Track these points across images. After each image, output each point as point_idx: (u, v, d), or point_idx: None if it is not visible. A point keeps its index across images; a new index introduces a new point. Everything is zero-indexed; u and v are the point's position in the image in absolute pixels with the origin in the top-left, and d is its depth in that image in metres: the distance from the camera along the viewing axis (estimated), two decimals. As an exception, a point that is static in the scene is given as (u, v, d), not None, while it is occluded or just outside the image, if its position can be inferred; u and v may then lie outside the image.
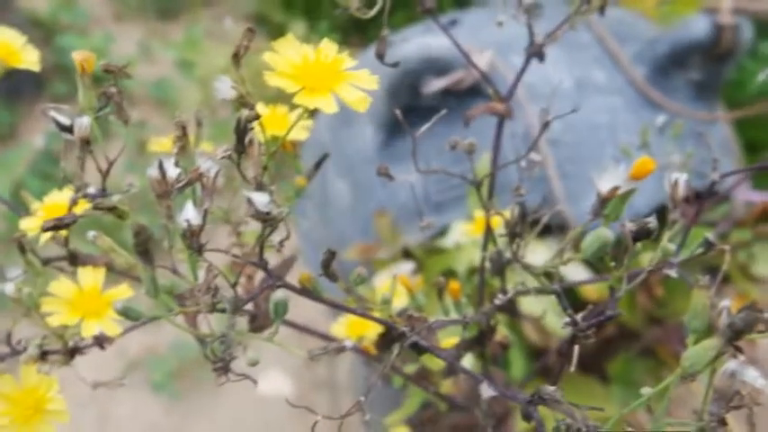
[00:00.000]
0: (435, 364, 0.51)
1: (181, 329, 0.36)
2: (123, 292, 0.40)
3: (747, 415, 0.30)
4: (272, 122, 0.43)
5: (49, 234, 0.38)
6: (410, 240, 0.87)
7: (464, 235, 0.79)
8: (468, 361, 0.52)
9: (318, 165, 0.49)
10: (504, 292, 0.43)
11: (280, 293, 0.35)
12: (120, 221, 0.36)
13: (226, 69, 0.34)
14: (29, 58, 0.43)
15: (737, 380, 0.29)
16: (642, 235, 0.35)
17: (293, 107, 0.35)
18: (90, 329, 0.38)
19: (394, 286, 0.42)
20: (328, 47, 0.35)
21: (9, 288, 0.38)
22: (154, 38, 2.17)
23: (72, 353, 0.39)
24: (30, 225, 0.41)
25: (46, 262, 0.42)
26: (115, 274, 0.43)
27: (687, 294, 0.33)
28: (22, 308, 0.38)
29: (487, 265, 0.49)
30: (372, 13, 0.39)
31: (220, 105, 1.83)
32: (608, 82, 0.91)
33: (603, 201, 0.37)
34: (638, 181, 0.39)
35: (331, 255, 0.37)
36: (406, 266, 0.80)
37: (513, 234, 0.40)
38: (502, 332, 0.50)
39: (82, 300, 0.39)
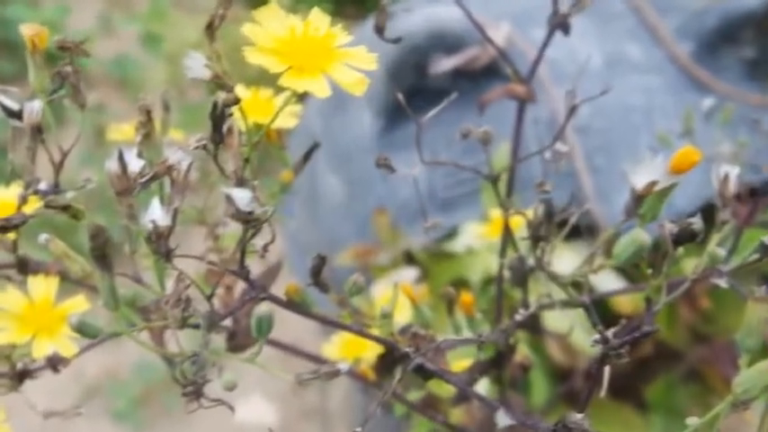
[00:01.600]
0: (444, 390, 0.51)
1: (145, 348, 0.36)
2: (79, 304, 0.40)
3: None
4: (255, 108, 0.43)
5: (-6, 237, 0.38)
6: (413, 243, 0.87)
7: (477, 238, 0.79)
8: (482, 386, 0.52)
9: (307, 156, 0.49)
10: (527, 305, 0.43)
11: (264, 307, 0.35)
12: (75, 222, 0.36)
13: (198, 44, 0.34)
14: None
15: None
16: (685, 238, 0.35)
17: (279, 90, 0.35)
18: (42, 349, 0.38)
19: (395, 297, 0.42)
20: (319, 18, 0.35)
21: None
22: (115, 9, 2.17)
23: (21, 376, 0.39)
24: (-30, 227, 0.41)
25: (-9, 269, 0.42)
26: (70, 283, 0.43)
27: (739, 308, 0.33)
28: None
29: (506, 273, 0.49)
30: (370, -22, 0.39)
31: (191, 86, 1.83)
32: (644, 58, 0.91)
33: (638, 198, 0.37)
34: (680, 175, 0.39)
35: (321, 260, 0.37)
36: (409, 273, 0.80)
37: (537, 237, 0.40)
38: (522, 352, 0.50)
39: (32, 314, 0.39)
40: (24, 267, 0.42)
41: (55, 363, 0.37)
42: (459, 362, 0.50)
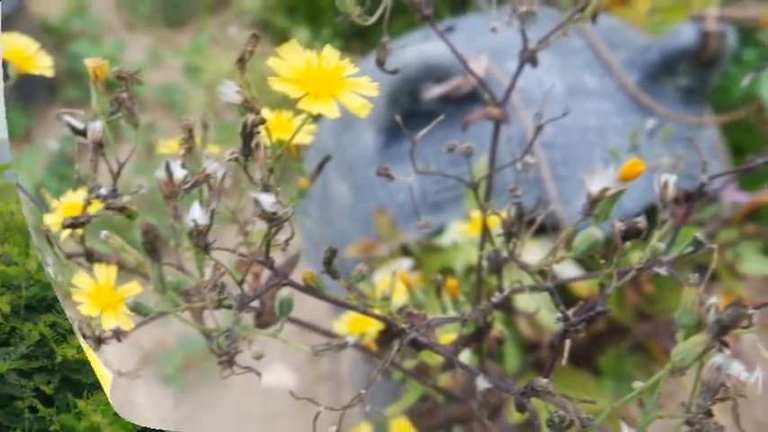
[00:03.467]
0: (434, 359, 0.51)
1: (187, 324, 0.36)
2: (134, 288, 0.41)
3: (732, 406, 0.31)
4: (278, 127, 0.43)
5: (68, 231, 0.39)
6: (408, 238, 0.87)
7: (461, 234, 0.79)
8: (465, 356, 0.52)
9: (321, 167, 0.49)
10: (501, 289, 0.43)
11: (285, 291, 0.35)
12: (130, 221, 0.36)
13: (231, 74, 0.34)
14: (42, 64, 0.43)
15: (723, 373, 0.29)
16: (631, 234, 0.35)
17: (297, 112, 0.35)
18: (108, 322, 0.39)
19: (393, 283, 0.42)
20: (330, 53, 0.35)
21: (49, 271, 0.39)
22: (163, 45, 2.17)
23: (98, 341, 0.39)
24: (51, 221, 0.41)
25: (69, 256, 0.43)
26: (126, 271, 0.43)
27: (676, 291, 0.33)
28: (62, 292, 0.39)
29: (485, 263, 0.49)
30: (373, 20, 0.39)
31: (226, 109, 1.83)
32: (598, 87, 0.91)
33: (593, 201, 0.37)
34: (628, 182, 0.39)
35: (332, 252, 0.37)
36: (405, 263, 0.80)
37: (510, 233, 0.40)
38: (498, 328, 0.50)
39: (99, 294, 0.40)
40: (91, 257, 0.42)
41: (119, 334, 0.38)
42: (446, 336, 0.50)
